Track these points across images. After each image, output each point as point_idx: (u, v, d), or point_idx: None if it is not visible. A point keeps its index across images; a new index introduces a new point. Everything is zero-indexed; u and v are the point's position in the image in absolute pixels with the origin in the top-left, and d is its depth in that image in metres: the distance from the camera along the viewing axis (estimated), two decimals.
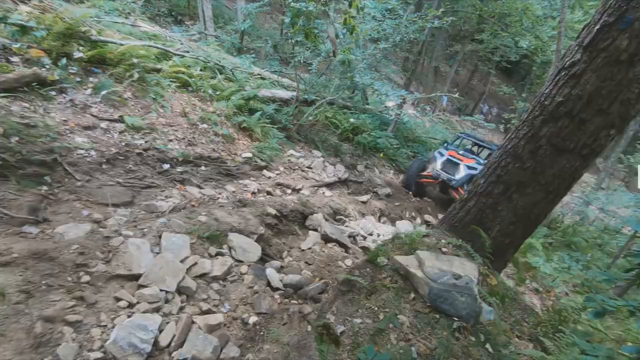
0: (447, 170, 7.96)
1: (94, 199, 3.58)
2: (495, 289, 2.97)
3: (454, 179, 7.88)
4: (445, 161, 8.11)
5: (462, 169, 7.92)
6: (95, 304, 2.48)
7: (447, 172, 7.95)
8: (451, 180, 7.87)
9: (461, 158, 8.07)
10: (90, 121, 4.32)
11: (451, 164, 7.98)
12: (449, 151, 8.35)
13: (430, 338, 2.24)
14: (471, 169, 7.80)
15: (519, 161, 3.06)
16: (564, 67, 2.77)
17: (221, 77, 7.10)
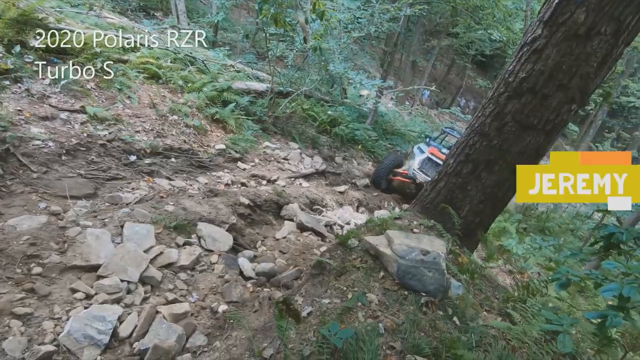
0: (425, 172, 6.89)
1: (52, 191, 3.39)
2: (465, 266, 2.98)
3: None
4: (425, 160, 7.00)
5: None
6: (48, 296, 2.34)
7: (425, 173, 6.87)
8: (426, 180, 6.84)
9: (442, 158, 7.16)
10: (48, 111, 4.10)
11: (431, 165, 6.87)
12: (431, 148, 7.24)
13: (398, 314, 2.21)
14: None
15: (486, 139, 3.07)
16: (526, 42, 2.79)
17: (193, 68, 6.92)
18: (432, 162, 6.91)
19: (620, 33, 2.49)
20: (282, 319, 1.65)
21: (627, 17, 2.41)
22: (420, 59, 21.59)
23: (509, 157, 3.03)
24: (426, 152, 7.12)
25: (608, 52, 2.56)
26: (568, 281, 2.26)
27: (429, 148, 7.24)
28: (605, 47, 2.54)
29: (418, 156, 7.15)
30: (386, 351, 1.90)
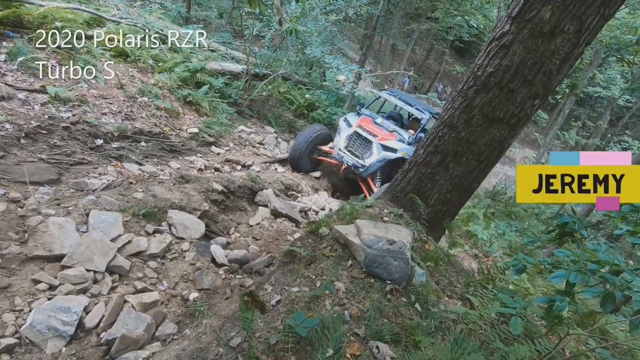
0: (354, 151, 5.75)
1: (10, 176, 3.23)
2: (430, 254, 3.11)
3: (362, 165, 5.59)
4: (352, 136, 5.75)
5: (375, 151, 5.54)
6: (8, 288, 2.27)
7: (353, 152, 5.74)
8: (357, 167, 5.64)
9: (375, 131, 5.70)
10: (4, 91, 3.85)
11: (361, 142, 5.73)
12: (361, 118, 5.94)
13: (364, 301, 2.30)
14: (389, 150, 5.55)
15: (454, 131, 3.15)
16: (494, 37, 2.84)
17: (164, 47, 6.62)
18: (361, 138, 5.68)
19: (582, 32, 2.58)
20: (248, 311, 1.69)
21: (588, 17, 2.50)
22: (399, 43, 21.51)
23: (476, 148, 3.13)
24: (353, 126, 5.77)
25: (570, 50, 2.65)
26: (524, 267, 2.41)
27: (358, 119, 5.95)
28: (567, 45, 2.63)
29: (344, 131, 5.84)
30: (350, 337, 1.98)
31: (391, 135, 5.78)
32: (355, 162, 5.67)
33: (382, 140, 5.63)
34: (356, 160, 5.68)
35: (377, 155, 5.54)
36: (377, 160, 5.55)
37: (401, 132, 5.91)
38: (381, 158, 5.54)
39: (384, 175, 5.83)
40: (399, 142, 5.68)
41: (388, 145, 5.59)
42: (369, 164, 5.57)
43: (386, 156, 5.53)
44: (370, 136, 5.67)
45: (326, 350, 1.83)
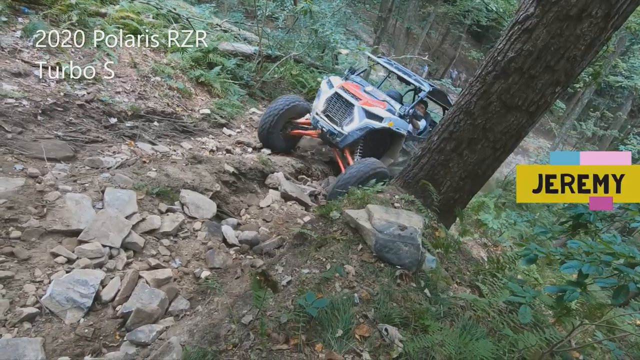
0: (333, 115, 4.93)
1: (28, 152, 3.29)
2: (440, 240, 3.11)
3: (340, 133, 4.76)
4: (332, 99, 4.97)
5: (356, 116, 4.72)
6: (29, 260, 2.35)
7: (332, 118, 4.92)
8: (334, 134, 4.79)
9: (359, 95, 4.90)
10: (20, 67, 3.89)
11: (341, 105, 4.90)
12: (349, 82, 5.20)
13: (374, 285, 2.32)
14: (373, 118, 4.73)
15: (470, 117, 3.09)
16: (517, 20, 2.74)
17: (177, 26, 6.56)
18: (341, 100, 4.89)
19: (611, 17, 2.47)
20: (260, 289, 1.72)
21: (618, 0, 2.39)
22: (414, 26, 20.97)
23: (492, 136, 3.08)
24: (334, 87, 5.02)
25: (597, 35, 2.55)
26: (535, 257, 2.40)
27: (342, 82, 5.20)
28: (594, 30, 2.52)
29: (324, 93, 5.05)
30: (359, 319, 2.01)
31: (379, 103, 4.94)
32: (331, 128, 4.79)
33: (366, 105, 4.77)
34: (330, 127, 4.82)
35: (358, 123, 4.70)
36: (357, 129, 4.71)
37: (393, 103, 5.07)
38: (363, 126, 4.70)
39: (366, 150, 5.09)
40: (387, 112, 4.84)
41: (372, 111, 4.72)
42: (348, 132, 4.74)
43: (369, 124, 4.68)
44: (352, 99, 4.84)
45: (336, 331, 1.86)
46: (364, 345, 1.85)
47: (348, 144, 4.89)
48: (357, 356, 1.78)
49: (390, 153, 5.34)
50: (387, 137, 5.28)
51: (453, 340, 1.78)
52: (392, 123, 4.83)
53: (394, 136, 5.22)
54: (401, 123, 5.00)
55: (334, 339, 1.82)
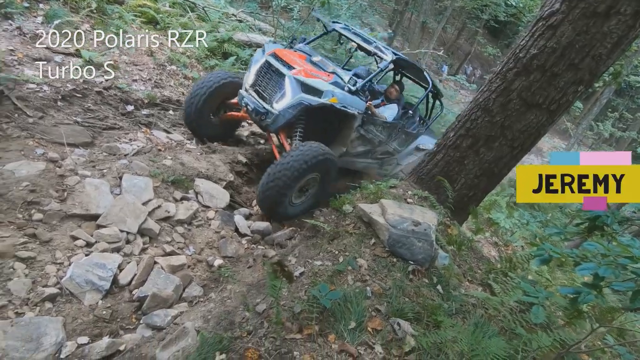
0: (261, 90, 3.92)
1: (48, 137, 3.36)
2: (453, 238, 3.09)
3: (266, 111, 3.71)
4: (262, 68, 3.95)
5: (288, 90, 3.65)
6: (50, 242, 2.41)
7: (260, 93, 3.91)
8: (259, 112, 3.72)
9: (294, 63, 3.81)
10: (41, 53, 3.94)
11: (270, 76, 3.88)
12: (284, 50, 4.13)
13: (386, 279, 2.34)
14: (311, 92, 3.63)
15: (488, 115, 3.05)
16: (542, 17, 2.68)
17: (192, 15, 6.58)
18: (272, 70, 3.84)
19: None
20: (276, 279, 1.75)
21: None
22: (430, 20, 20.62)
23: (510, 134, 3.03)
24: (264, 55, 3.98)
25: (624, 33, 2.48)
26: (549, 257, 2.38)
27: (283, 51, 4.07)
28: (622, 28, 2.46)
29: (254, 64, 4.04)
30: (371, 313, 2.03)
31: (323, 74, 3.89)
32: (257, 105, 3.71)
33: (301, 75, 3.65)
34: (259, 103, 3.74)
35: (291, 98, 3.59)
36: (289, 106, 3.59)
37: (343, 76, 3.99)
38: (296, 102, 3.58)
39: (311, 135, 3.91)
40: (330, 85, 3.73)
41: (310, 83, 3.60)
42: (279, 111, 3.64)
43: (303, 99, 3.57)
44: (284, 68, 3.74)
45: (349, 323, 1.88)
46: (376, 338, 1.87)
47: (280, 126, 3.77)
48: (370, 348, 1.80)
49: (340, 139, 4.18)
50: (335, 120, 4.07)
51: (466, 337, 1.79)
52: (335, 99, 3.68)
53: (343, 118, 3.99)
54: (351, 100, 3.86)
55: (346, 331, 1.84)
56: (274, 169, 3.44)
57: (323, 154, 3.57)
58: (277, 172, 3.41)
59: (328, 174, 3.83)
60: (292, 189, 3.53)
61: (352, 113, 3.91)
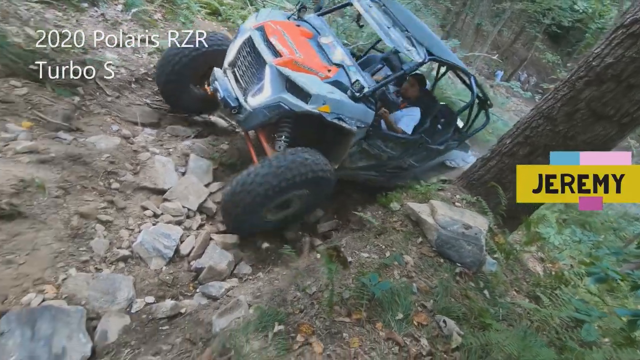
0: (239, 74, 3.10)
1: (123, 115, 3.68)
2: (501, 246, 3.04)
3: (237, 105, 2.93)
4: (243, 47, 3.11)
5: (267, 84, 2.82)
6: (125, 209, 2.68)
7: (237, 78, 3.09)
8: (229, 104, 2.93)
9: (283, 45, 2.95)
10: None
11: (251, 60, 3.04)
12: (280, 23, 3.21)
13: (432, 278, 2.36)
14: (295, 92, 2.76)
15: (551, 123, 2.95)
16: (623, 24, 2.55)
17: (252, 8, 6.82)
18: (254, 52, 2.99)
19: None
20: (332, 263, 1.84)
21: None
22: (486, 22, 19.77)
23: (573, 145, 2.92)
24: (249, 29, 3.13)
25: None
26: (606, 277, 2.29)
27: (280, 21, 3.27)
28: None
29: (238, 37, 3.20)
30: (417, 308, 2.07)
31: (321, 67, 2.97)
32: (227, 94, 2.94)
33: (287, 66, 2.77)
34: (230, 92, 2.97)
35: (269, 95, 2.78)
36: (265, 105, 2.78)
37: (352, 73, 3.04)
38: (273, 103, 2.76)
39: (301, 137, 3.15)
40: (326, 86, 2.83)
41: (296, 80, 2.71)
42: (252, 108, 2.83)
43: (283, 102, 2.73)
44: (267, 51, 2.89)
45: (396, 314, 1.94)
46: (422, 332, 1.91)
47: (253, 127, 3.01)
48: (415, 340, 1.85)
49: (333, 154, 3.21)
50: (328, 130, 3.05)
51: (515, 342, 1.78)
52: (327, 107, 2.76)
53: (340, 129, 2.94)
54: (352, 110, 2.89)
55: (394, 321, 1.90)
56: (248, 178, 2.65)
57: (317, 170, 2.82)
58: (252, 182, 2.64)
59: (320, 192, 3.07)
60: (266, 206, 2.79)
61: (349, 129, 2.92)
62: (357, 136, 3.08)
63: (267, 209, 2.86)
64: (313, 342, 1.66)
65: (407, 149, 3.59)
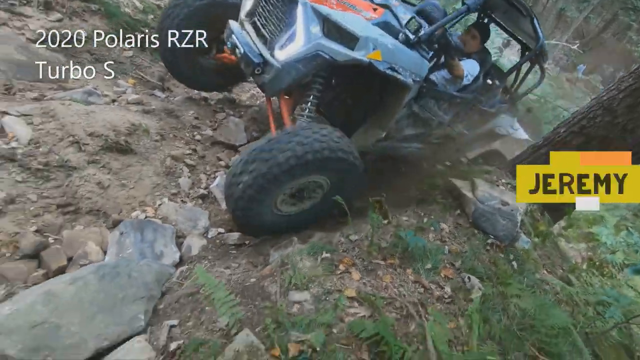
0: (261, 24, 2.55)
1: None
2: (539, 230, 3.14)
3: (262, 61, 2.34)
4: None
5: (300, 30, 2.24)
6: (204, 158, 3.21)
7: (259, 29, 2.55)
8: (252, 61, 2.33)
9: None
10: None
11: (275, 4, 2.47)
12: None
13: (464, 245, 2.59)
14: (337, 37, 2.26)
15: (610, 115, 2.94)
16: None
17: None
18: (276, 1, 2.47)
19: None
20: (375, 213, 2.17)
21: None
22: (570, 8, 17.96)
23: (631, 139, 2.90)
24: None
25: None
26: None
27: None
28: None
29: None
30: (446, 264, 2.34)
31: (365, 6, 2.56)
32: (249, 50, 2.39)
33: (324, 4, 2.33)
34: (252, 47, 2.42)
35: (303, 44, 2.26)
36: (299, 57, 2.28)
37: (401, 14, 2.65)
38: (311, 52, 2.26)
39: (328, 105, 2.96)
40: (373, 28, 2.41)
41: (337, 21, 2.26)
42: (282, 63, 2.31)
43: (323, 49, 2.26)
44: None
45: (426, 264, 2.24)
46: (447, 283, 2.19)
47: (281, 88, 2.46)
48: (440, 288, 2.14)
49: (379, 118, 2.83)
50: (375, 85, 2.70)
51: (531, 300, 2.00)
52: (379, 53, 2.35)
53: (388, 84, 2.58)
54: (407, 58, 2.47)
55: (423, 269, 2.20)
56: (260, 148, 2.17)
57: (336, 149, 2.23)
58: (264, 153, 2.13)
59: (343, 182, 2.44)
60: (278, 188, 2.24)
61: (404, 81, 2.48)
62: (410, 93, 2.60)
63: (279, 193, 2.29)
64: (352, 271, 2.02)
65: (459, 112, 3.18)
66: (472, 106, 3.22)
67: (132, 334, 1.46)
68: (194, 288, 1.94)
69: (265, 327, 1.49)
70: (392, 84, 2.53)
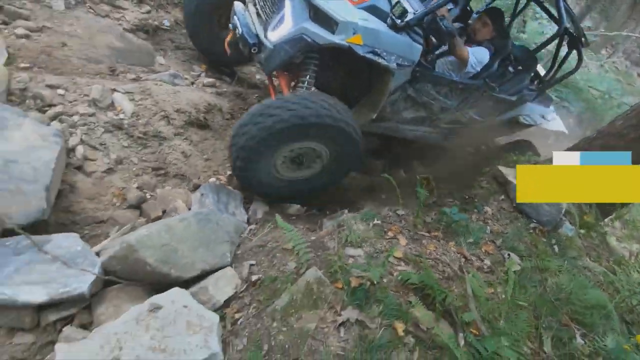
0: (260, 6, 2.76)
1: None
2: (586, 222, 3.17)
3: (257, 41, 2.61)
4: None
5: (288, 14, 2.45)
6: None
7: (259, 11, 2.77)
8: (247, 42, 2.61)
9: None
10: None
11: None
12: None
13: (506, 227, 2.74)
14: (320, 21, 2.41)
15: None
16: None
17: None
18: None
19: None
20: (422, 189, 2.40)
21: None
22: None
23: None
24: None
25: None
26: None
27: None
28: None
29: None
30: (487, 241, 2.52)
31: None
32: (246, 31, 2.62)
33: None
34: (250, 28, 2.64)
35: (290, 27, 2.43)
36: (285, 39, 2.46)
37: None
38: (295, 35, 2.42)
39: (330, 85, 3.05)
40: (357, 12, 2.47)
41: (320, 6, 2.37)
42: (273, 44, 2.51)
43: (306, 33, 2.40)
44: None
45: (467, 239, 2.44)
46: (487, 257, 2.38)
47: (275, 66, 2.63)
48: (480, 260, 2.33)
49: (368, 101, 2.97)
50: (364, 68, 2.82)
51: (568, 278, 2.14)
52: (359, 38, 2.40)
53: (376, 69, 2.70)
54: (392, 42, 2.51)
55: (465, 243, 2.40)
56: (259, 108, 2.36)
57: (339, 119, 2.37)
58: (261, 112, 2.30)
59: (342, 156, 2.65)
60: (279, 146, 2.41)
61: (386, 66, 2.52)
62: (397, 77, 2.65)
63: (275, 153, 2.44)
64: (400, 237, 2.28)
65: (467, 98, 3.10)
66: (483, 92, 3.13)
67: (222, 265, 1.86)
68: (263, 242, 2.30)
69: (329, 266, 1.80)
70: (376, 68, 2.62)
